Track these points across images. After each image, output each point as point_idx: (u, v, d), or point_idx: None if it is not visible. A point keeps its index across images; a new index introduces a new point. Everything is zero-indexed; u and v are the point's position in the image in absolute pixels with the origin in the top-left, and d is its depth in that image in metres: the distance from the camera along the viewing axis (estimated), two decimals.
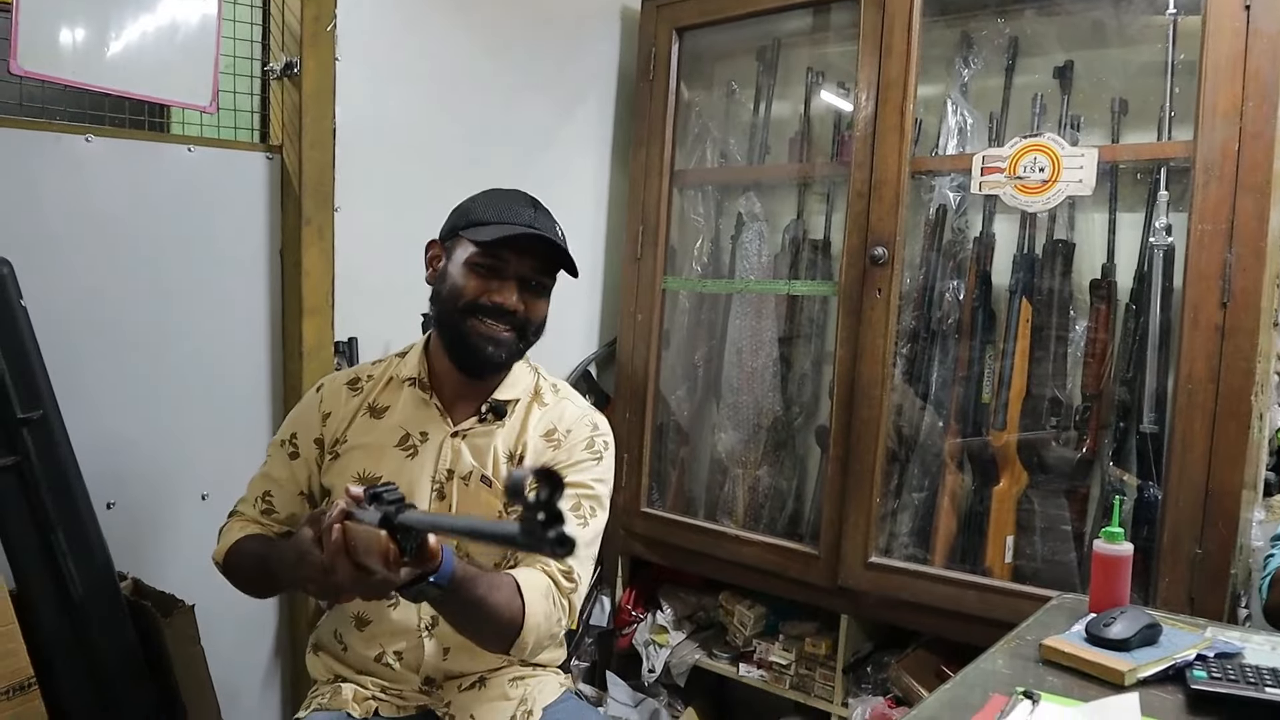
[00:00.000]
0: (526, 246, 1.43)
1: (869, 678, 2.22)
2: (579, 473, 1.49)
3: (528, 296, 1.45)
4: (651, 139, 2.54)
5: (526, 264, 1.44)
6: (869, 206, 2.13)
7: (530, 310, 1.46)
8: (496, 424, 1.50)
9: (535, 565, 1.40)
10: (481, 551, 1.46)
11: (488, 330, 1.43)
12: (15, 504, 1.53)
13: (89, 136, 1.74)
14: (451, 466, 1.48)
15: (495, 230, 1.41)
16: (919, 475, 2.20)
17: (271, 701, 2.11)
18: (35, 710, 1.52)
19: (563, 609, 1.40)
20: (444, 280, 1.47)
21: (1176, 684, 1.27)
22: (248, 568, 1.44)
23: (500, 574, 1.35)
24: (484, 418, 1.50)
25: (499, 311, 1.43)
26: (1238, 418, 1.72)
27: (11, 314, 1.51)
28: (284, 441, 1.54)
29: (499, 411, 1.50)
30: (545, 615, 1.36)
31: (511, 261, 1.43)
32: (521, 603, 1.32)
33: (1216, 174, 1.75)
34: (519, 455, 1.49)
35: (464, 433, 1.50)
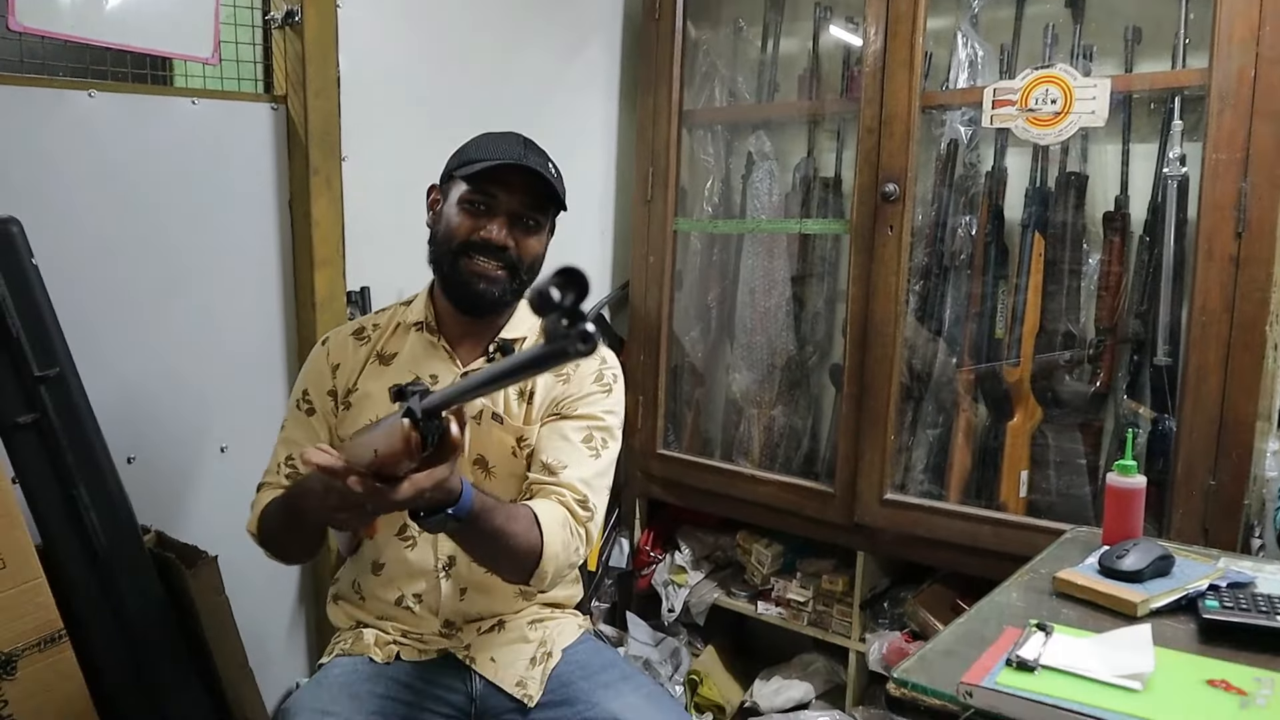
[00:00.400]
0: (516, 183, 1.44)
1: (885, 613, 2.25)
2: (589, 405, 1.51)
3: (518, 233, 1.46)
4: (659, 80, 2.51)
5: (516, 200, 1.45)
6: (879, 143, 2.10)
7: (522, 247, 1.47)
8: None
9: (550, 497, 1.42)
10: (498, 489, 1.48)
11: (479, 268, 1.45)
12: (37, 461, 1.55)
13: (91, 92, 1.73)
14: None
15: (484, 164, 1.43)
16: (933, 412, 2.20)
17: (297, 649, 2.15)
18: (67, 661, 1.55)
19: (580, 538, 1.42)
20: (440, 218, 1.50)
21: (1189, 614, 1.28)
22: (278, 525, 1.43)
23: (518, 505, 1.37)
24: (491, 357, 1.51)
25: (489, 248, 1.44)
26: (1252, 348, 1.71)
27: (24, 273, 1.52)
28: (298, 401, 1.55)
29: (506, 350, 1.50)
30: (564, 545, 1.37)
31: (501, 197, 1.45)
32: (540, 533, 1.34)
33: (1232, 102, 1.72)
34: (529, 391, 1.51)
35: (472, 373, 1.51)
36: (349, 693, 1.42)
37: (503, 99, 2.38)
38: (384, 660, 1.48)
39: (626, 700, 1.45)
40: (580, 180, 2.66)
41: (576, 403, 1.50)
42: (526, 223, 1.47)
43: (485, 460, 1.50)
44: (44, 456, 1.55)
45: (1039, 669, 1.08)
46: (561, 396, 1.51)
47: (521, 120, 2.39)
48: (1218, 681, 1.07)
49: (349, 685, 1.44)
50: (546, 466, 1.46)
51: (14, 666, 1.49)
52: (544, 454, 1.47)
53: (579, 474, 1.45)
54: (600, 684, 1.48)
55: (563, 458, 1.46)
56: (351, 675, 1.46)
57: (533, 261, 1.49)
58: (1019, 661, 1.09)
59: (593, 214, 2.73)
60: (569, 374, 1.52)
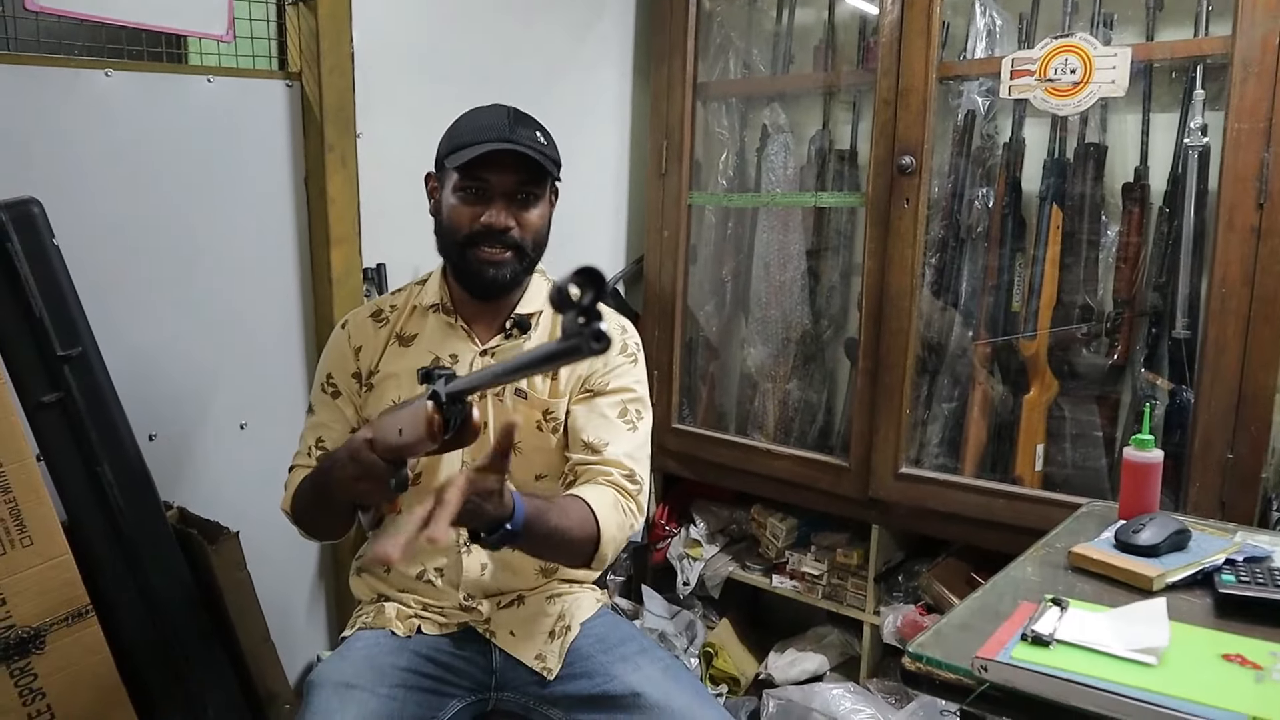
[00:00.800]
0: (507, 162, 1.43)
1: (900, 586, 2.26)
2: (619, 377, 1.52)
3: (517, 211, 1.45)
4: (673, 52, 2.49)
5: (508, 179, 1.44)
6: (896, 114, 2.09)
7: (523, 225, 1.46)
8: (523, 338, 1.53)
9: (598, 479, 1.44)
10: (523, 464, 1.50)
11: (486, 256, 1.45)
12: (61, 439, 1.57)
13: (108, 71, 1.74)
14: None
15: (470, 151, 1.41)
16: (948, 385, 2.20)
17: (318, 622, 2.17)
18: (94, 635, 1.58)
19: (632, 513, 1.45)
20: (441, 209, 1.50)
21: (1205, 588, 1.28)
22: (308, 502, 1.45)
23: (568, 497, 1.39)
24: (509, 334, 1.53)
25: (491, 234, 1.44)
26: (1272, 321, 1.70)
27: (45, 254, 1.53)
28: (323, 385, 1.56)
29: (523, 326, 1.53)
30: (618, 525, 1.40)
31: (493, 180, 1.44)
32: (595, 519, 1.36)
33: (1255, 70, 1.70)
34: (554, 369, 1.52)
35: (492, 350, 1.52)
36: (371, 665, 1.44)
37: (516, 73, 2.38)
38: (405, 634, 1.50)
39: (644, 673, 1.46)
40: (595, 154, 2.65)
41: (606, 376, 1.51)
42: (523, 199, 1.46)
43: None
44: (68, 435, 1.57)
45: (1054, 644, 1.09)
46: (589, 372, 1.52)
47: (536, 94, 2.39)
48: (1233, 656, 1.07)
49: (372, 658, 1.45)
50: (589, 446, 1.47)
51: (43, 641, 1.51)
52: (584, 433, 1.48)
53: (622, 449, 1.47)
54: (618, 657, 1.49)
55: (603, 435, 1.48)
56: (374, 648, 1.47)
57: (536, 235, 1.49)
58: (1034, 636, 1.10)
59: (607, 188, 2.72)
60: None
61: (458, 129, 1.49)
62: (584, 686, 1.47)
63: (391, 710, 1.38)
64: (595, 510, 1.37)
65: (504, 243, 1.45)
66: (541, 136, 1.48)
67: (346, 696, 1.38)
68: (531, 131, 1.47)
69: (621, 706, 1.43)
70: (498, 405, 1.51)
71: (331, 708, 1.36)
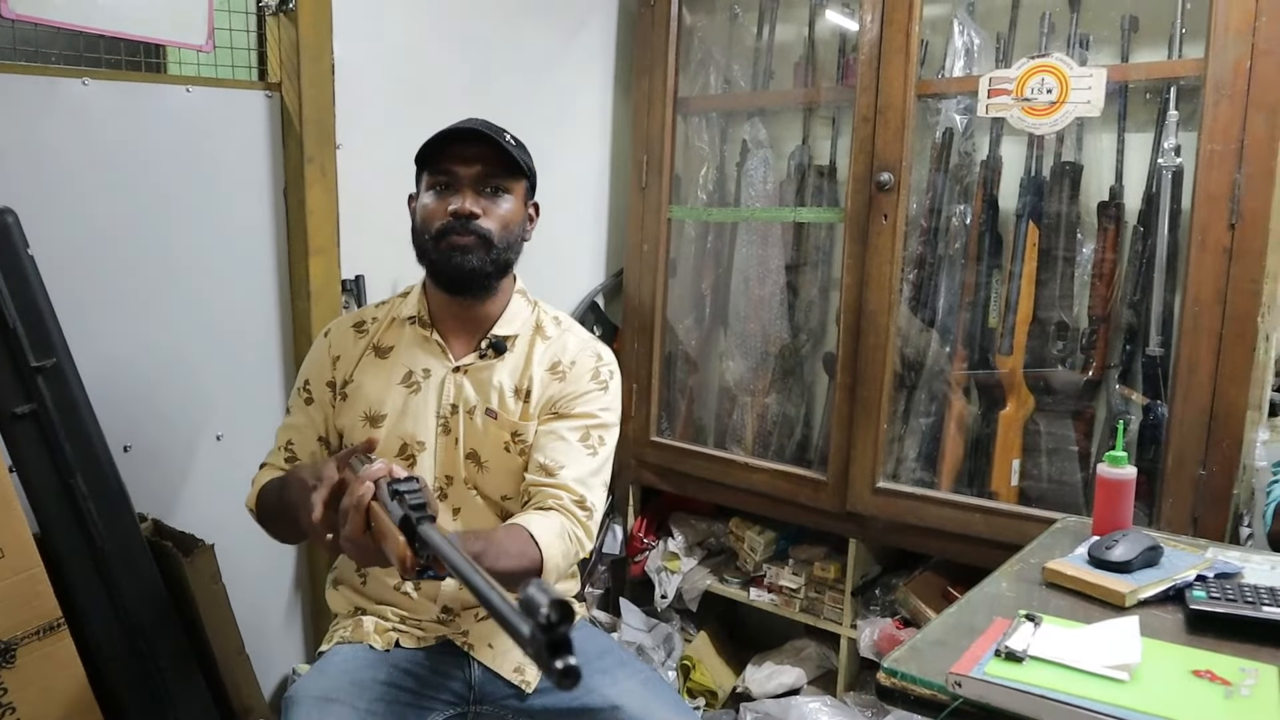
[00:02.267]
0: (471, 154, 1.46)
1: (877, 600, 2.27)
2: (586, 403, 1.52)
3: (485, 202, 1.47)
4: (654, 66, 2.51)
5: (474, 170, 1.46)
6: (874, 131, 2.10)
7: (490, 215, 1.47)
8: (497, 359, 1.53)
9: (547, 501, 1.44)
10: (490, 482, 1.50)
11: (453, 243, 1.46)
12: (34, 451, 1.56)
13: (86, 80, 1.73)
14: (455, 401, 1.51)
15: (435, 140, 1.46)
16: (926, 401, 2.21)
17: (294, 636, 2.16)
18: (66, 649, 1.56)
19: (579, 540, 1.44)
20: (415, 212, 1.53)
21: (1177, 604, 1.30)
22: (271, 505, 1.46)
23: (509, 528, 1.38)
24: (484, 353, 1.53)
25: (458, 221, 1.45)
26: (1244, 339, 1.72)
27: (19, 263, 1.52)
28: (299, 390, 1.58)
29: (499, 348, 1.53)
30: (563, 554, 1.40)
31: (460, 171, 1.46)
32: (538, 549, 1.35)
33: (1227, 93, 1.72)
34: (525, 390, 1.52)
35: (465, 368, 1.53)
36: (351, 679, 1.43)
37: (498, 86, 2.38)
38: (384, 647, 1.50)
39: (623, 686, 1.46)
40: (575, 167, 2.66)
41: (574, 401, 1.52)
42: (492, 191, 1.48)
43: (478, 455, 1.52)
44: (41, 446, 1.56)
45: (1027, 659, 1.09)
46: (559, 395, 1.52)
47: (517, 107, 2.40)
48: (1203, 672, 1.08)
49: (351, 672, 1.45)
50: (544, 468, 1.47)
51: (13, 655, 1.50)
52: (540, 454, 1.48)
53: (575, 473, 1.47)
54: (597, 670, 1.49)
55: (559, 458, 1.47)
56: (353, 662, 1.47)
57: (505, 228, 1.49)
58: (1007, 652, 1.10)
59: (588, 201, 2.73)
60: (565, 371, 1.54)
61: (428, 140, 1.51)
62: (562, 699, 1.47)
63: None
64: (538, 540, 1.36)
65: (471, 230, 1.45)
66: (511, 138, 1.50)
67: (326, 711, 1.37)
68: (499, 129, 1.49)
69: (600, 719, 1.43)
70: (468, 424, 1.51)
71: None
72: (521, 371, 1.53)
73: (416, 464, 1.50)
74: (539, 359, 1.54)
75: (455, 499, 1.52)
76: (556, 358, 1.55)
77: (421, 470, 1.50)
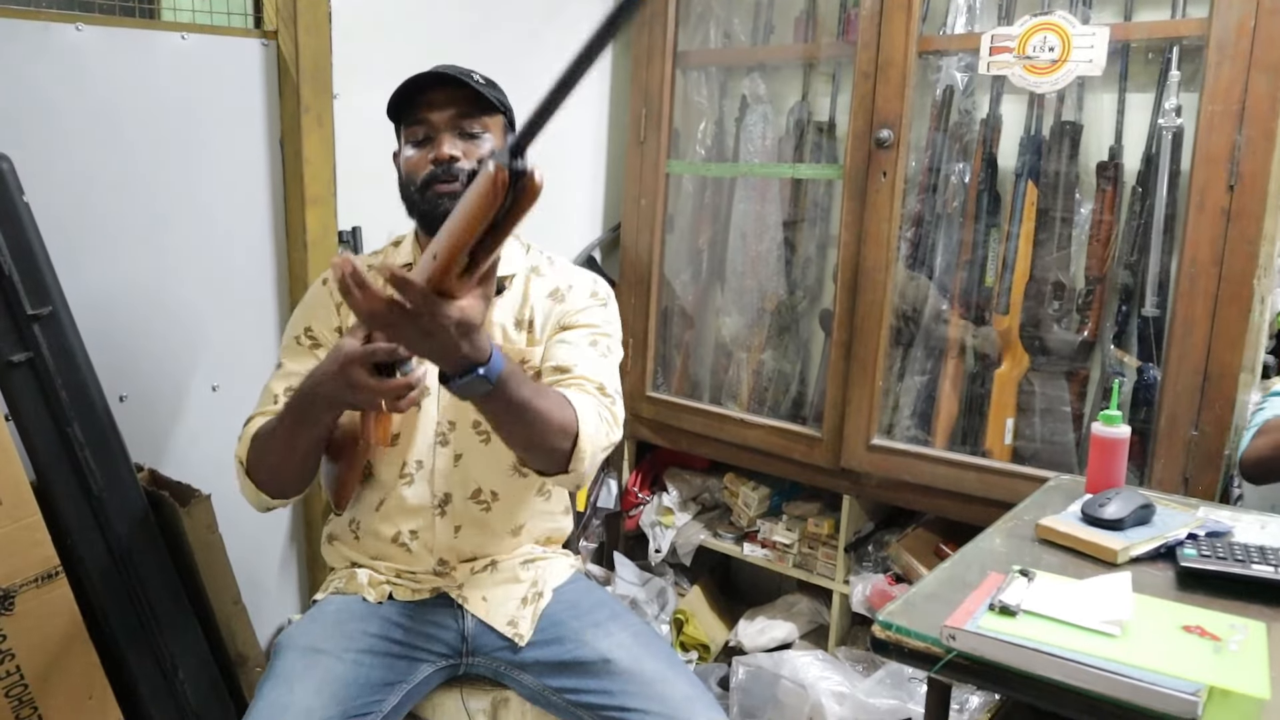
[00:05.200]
0: (441, 98, 1.44)
1: (870, 556, 2.29)
2: (588, 316, 1.53)
3: (464, 144, 1.45)
4: (654, 19, 2.48)
5: (448, 114, 1.44)
6: (875, 88, 2.09)
7: (471, 156, 1.45)
8: (495, 298, 1.50)
9: (571, 385, 1.43)
10: None
11: (440, 190, 1.43)
12: (31, 399, 1.56)
13: (79, 25, 1.70)
14: None
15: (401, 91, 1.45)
16: (921, 358, 2.22)
17: (289, 586, 2.17)
18: (64, 597, 1.57)
19: (609, 421, 1.42)
20: (400, 173, 1.50)
21: (1168, 562, 1.31)
22: (274, 441, 1.38)
23: (546, 385, 1.39)
24: None
25: (441, 167, 1.43)
26: (1239, 301, 1.73)
27: (14, 211, 1.51)
28: (298, 338, 1.53)
29: (496, 288, 1.51)
30: (596, 425, 1.37)
31: (434, 118, 1.44)
32: (573, 410, 1.34)
33: (1230, 53, 1.71)
34: (528, 320, 1.53)
35: None
36: (341, 630, 1.44)
37: (496, 36, 2.35)
38: (376, 600, 1.50)
39: (616, 639, 1.48)
40: (573, 120, 2.64)
41: (576, 315, 1.53)
42: (466, 132, 1.45)
43: None
44: (38, 395, 1.56)
45: (1020, 613, 1.11)
46: (561, 313, 1.53)
47: (515, 58, 2.37)
48: (1193, 627, 1.10)
49: (341, 623, 1.46)
50: (559, 368, 1.46)
51: (11, 602, 1.51)
52: (553, 360, 1.48)
53: (591, 369, 1.46)
54: (590, 623, 1.50)
55: (573, 357, 1.47)
56: (343, 613, 1.48)
57: None
58: (1001, 606, 1.12)
59: (586, 155, 2.71)
60: (563, 293, 1.54)
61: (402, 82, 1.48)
62: (555, 652, 1.48)
63: (357, 674, 1.39)
64: (574, 405, 1.35)
65: (453, 174, 1.43)
66: (480, 77, 1.47)
67: (311, 660, 1.38)
68: (467, 71, 1.47)
69: (592, 672, 1.44)
70: None
71: (295, 671, 1.36)
72: (520, 305, 1.54)
73: (421, 410, 1.50)
74: (536, 292, 1.55)
75: (458, 444, 1.51)
76: (554, 285, 1.56)
77: (425, 418, 1.50)
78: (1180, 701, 0.95)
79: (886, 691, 2.08)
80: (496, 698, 1.54)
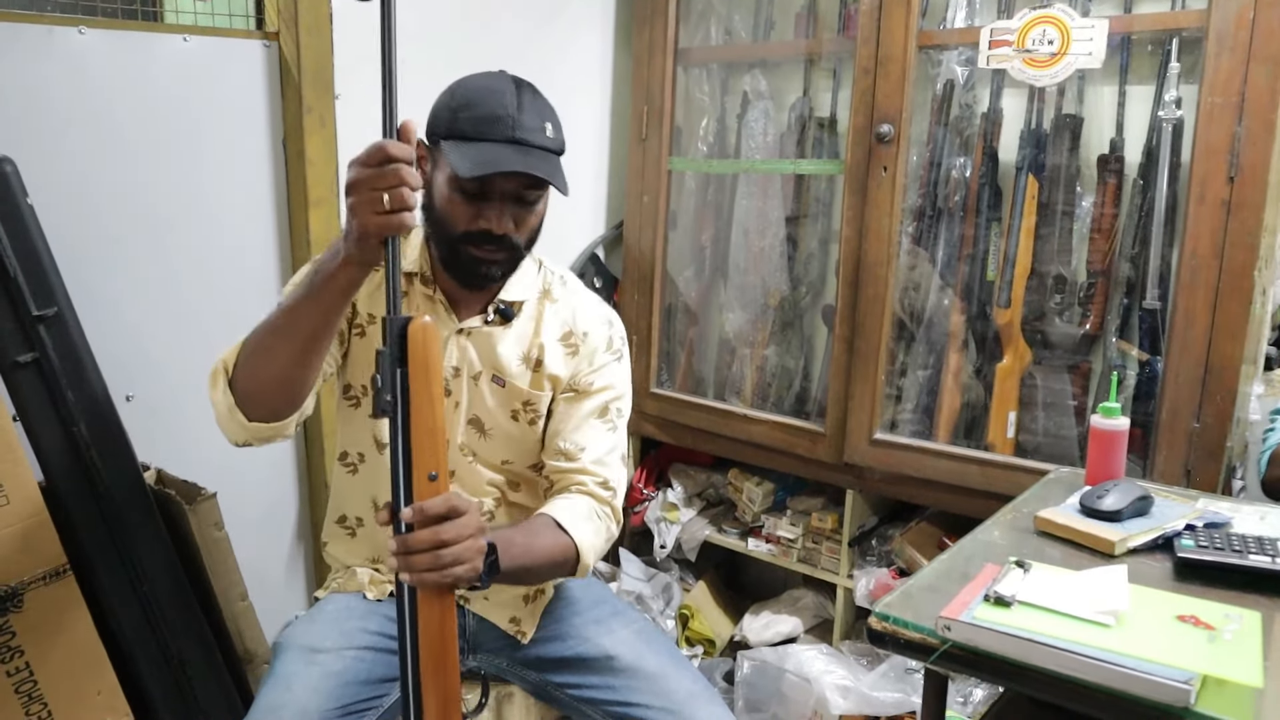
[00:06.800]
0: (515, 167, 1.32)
1: (873, 550, 2.29)
2: (604, 376, 1.51)
3: (518, 213, 1.37)
4: (655, 16, 2.49)
5: (512, 183, 1.34)
6: (875, 83, 2.09)
7: (522, 228, 1.39)
8: (504, 325, 1.48)
9: (570, 488, 1.45)
10: (491, 449, 1.50)
11: (481, 254, 1.37)
12: (37, 399, 1.57)
13: (82, 28, 1.72)
14: (458, 364, 1.47)
15: (475, 156, 1.30)
16: (924, 353, 2.22)
17: (296, 583, 2.19)
18: (72, 594, 1.59)
19: (608, 517, 1.46)
20: (431, 194, 1.39)
21: (1165, 553, 1.31)
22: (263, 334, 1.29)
23: (537, 518, 1.39)
24: (489, 319, 1.48)
25: (489, 237, 1.36)
26: (1240, 293, 1.73)
27: (19, 212, 1.53)
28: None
29: (506, 315, 1.48)
30: (594, 535, 1.42)
31: (497, 183, 1.33)
32: (568, 536, 1.37)
33: (1229, 44, 1.71)
34: (535, 358, 1.49)
35: (469, 330, 1.47)
36: (340, 628, 1.45)
37: (499, 35, 2.36)
38: (376, 598, 1.51)
39: (617, 636, 1.49)
40: (575, 118, 2.63)
41: (591, 376, 1.50)
42: (525, 202, 1.38)
43: (480, 421, 1.50)
44: (44, 395, 1.58)
45: (1016, 604, 1.11)
46: (574, 371, 1.50)
47: (517, 57, 2.37)
48: (1188, 617, 1.10)
49: (340, 621, 1.46)
50: (564, 453, 1.47)
51: (21, 599, 1.53)
52: (561, 439, 1.48)
53: (595, 454, 1.47)
54: (592, 620, 1.51)
55: (579, 440, 1.47)
56: (344, 611, 1.48)
57: (533, 234, 1.43)
58: (996, 597, 1.12)
59: (588, 153, 2.72)
60: (578, 344, 1.51)
61: (457, 108, 1.36)
62: (557, 649, 1.49)
63: (357, 671, 1.40)
64: (569, 528, 1.38)
65: (500, 244, 1.37)
66: (550, 127, 1.37)
67: (311, 660, 1.39)
68: (540, 123, 1.35)
69: (595, 668, 1.46)
70: (472, 389, 1.48)
71: (295, 670, 1.37)
72: (530, 338, 1.50)
73: None
74: (548, 325, 1.51)
75: (449, 463, 1.46)
76: (567, 326, 1.51)
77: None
78: (1173, 690, 0.95)
79: (890, 685, 2.09)
80: (500, 693, 1.55)
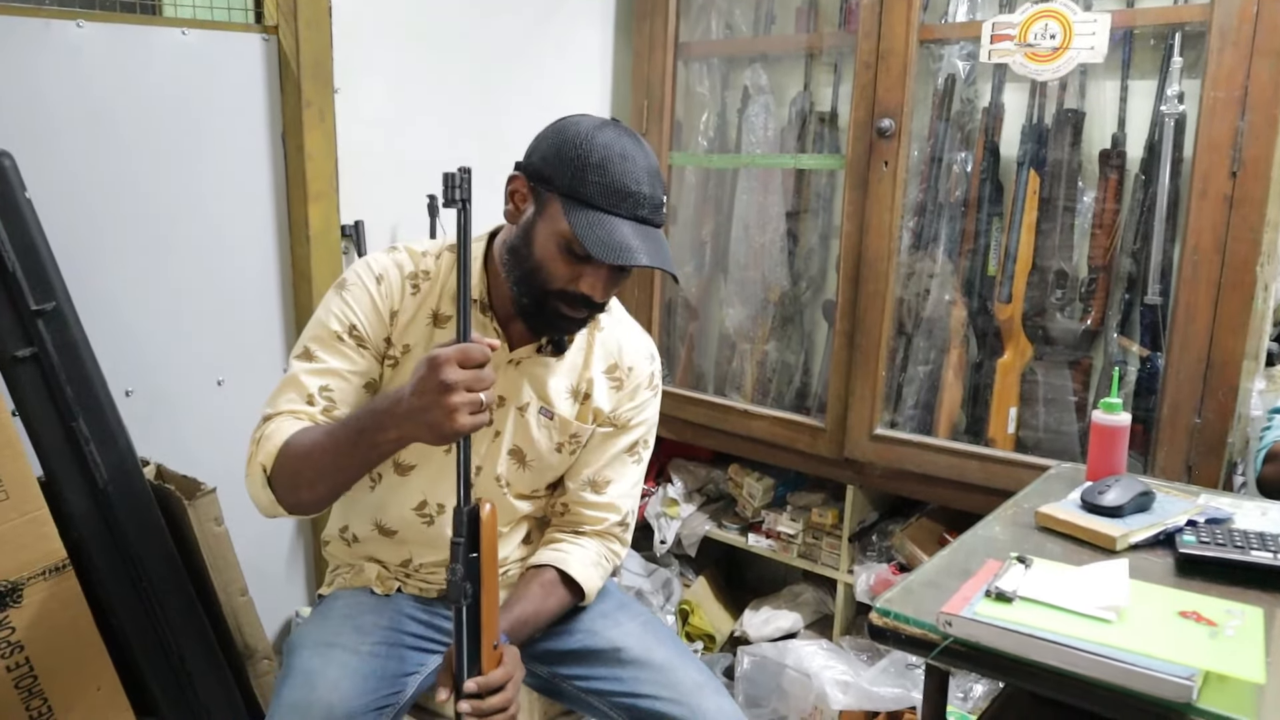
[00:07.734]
0: None
1: (874, 546, 2.29)
2: (641, 412, 1.53)
3: (613, 283, 1.33)
4: (655, 10, 2.48)
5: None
6: (876, 77, 2.09)
7: (609, 297, 1.38)
8: (556, 356, 1.46)
9: (583, 528, 1.51)
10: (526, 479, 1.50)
11: (569, 313, 1.33)
12: (36, 394, 1.57)
13: (80, 21, 1.72)
14: (504, 394, 1.44)
15: (605, 238, 1.23)
16: (924, 348, 2.21)
17: (297, 579, 2.19)
18: (72, 589, 1.59)
19: (614, 554, 1.53)
20: (529, 240, 1.31)
21: (1166, 548, 1.31)
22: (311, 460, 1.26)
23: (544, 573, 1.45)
24: (542, 348, 1.45)
25: (586, 302, 1.32)
26: (1242, 288, 1.72)
27: (17, 207, 1.52)
28: (339, 334, 1.36)
29: (559, 346, 1.45)
30: (602, 576, 1.50)
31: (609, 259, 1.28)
32: (577, 585, 1.46)
33: (1232, 39, 1.70)
34: (583, 392, 1.48)
35: (519, 360, 1.44)
36: (353, 624, 1.43)
37: (497, 31, 2.35)
38: (384, 593, 1.50)
39: (625, 628, 1.49)
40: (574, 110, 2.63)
41: (632, 412, 1.52)
42: (622, 274, 1.34)
43: (521, 452, 1.47)
44: (43, 390, 1.57)
45: (1017, 600, 1.11)
46: (617, 406, 1.50)
47: (516, 52, 2.37)
48: (1189, 613, 1.10)
49: (352, 616, 1.45)
50: (592, 484, 1.51)
51: (20, 595, 1.52)
52: (589, 468, 1.51)
53: (621, 489, 1.52)
54: (598, 613, 1.51)
55: (608, 473, 1.51)
56: (355, 607, 1.47)
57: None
58: (997, 592, 1.12)
59: None
60: (623, 378, 1.50)
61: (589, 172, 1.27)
62: (566, 642, 1.49)
63: (374, 666, 1.38)
64: (578, 579, 1.45)
65: (592, 308, 1.35)
66: (663, 195, 1.33)
67: (328, 656, 1.37)
68: (660, 197, 1.31)
69: (603, 660, 1.46)
70: (518, 419, 1.45)
71: (313, 667, 1.35)
72: (580, 372, 1.48)
73: (451, 451, 1.36)
74: (596, 357, 1.49)
75: (480, 490, 1.45)
76: (613, 358, 1.50)
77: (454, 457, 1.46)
78: (1174, 686, 0.95)
79: (891, 680, 2.08)
80: None
